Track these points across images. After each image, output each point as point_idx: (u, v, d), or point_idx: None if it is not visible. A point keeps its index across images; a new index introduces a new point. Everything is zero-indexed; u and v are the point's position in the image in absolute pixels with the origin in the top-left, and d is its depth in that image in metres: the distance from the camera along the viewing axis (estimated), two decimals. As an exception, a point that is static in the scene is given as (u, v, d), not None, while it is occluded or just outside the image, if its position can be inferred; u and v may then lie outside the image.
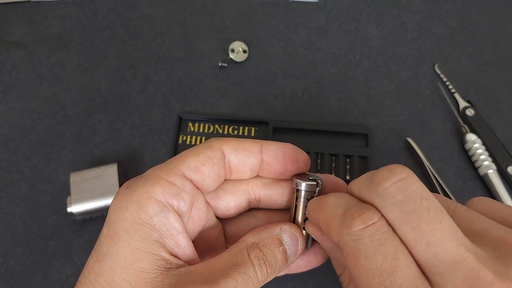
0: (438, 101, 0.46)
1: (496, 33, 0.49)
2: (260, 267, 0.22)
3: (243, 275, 0.21)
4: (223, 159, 0.24)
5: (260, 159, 0.24)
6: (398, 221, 0.18)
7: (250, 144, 0.24)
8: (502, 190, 0.41)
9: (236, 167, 0.24)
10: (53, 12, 0.50)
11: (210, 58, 0.48)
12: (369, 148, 0.43)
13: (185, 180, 0.22)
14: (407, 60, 0.48)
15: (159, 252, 0.21)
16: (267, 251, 0.22)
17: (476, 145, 0.42)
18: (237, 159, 0.24)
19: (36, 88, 0.47)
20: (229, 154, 0.24)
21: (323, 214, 0.21)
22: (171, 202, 0.21)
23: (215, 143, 0.24)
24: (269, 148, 0.24)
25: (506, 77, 0.47)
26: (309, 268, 0.27)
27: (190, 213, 0.23)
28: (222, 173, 0.24)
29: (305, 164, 0.25)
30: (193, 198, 0.23)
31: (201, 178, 0.23)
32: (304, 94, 0.47)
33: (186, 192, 0.22)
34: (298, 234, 0.24)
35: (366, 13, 0.50)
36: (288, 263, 0.24)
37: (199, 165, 0.23)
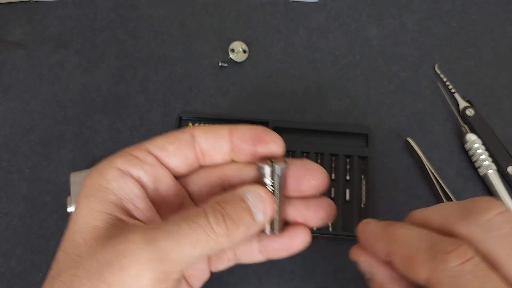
0: (438, 101, 0.46)
1: (496, 33, 0.49)
2: (215, 218, 0.21)
3: (190, 222, 0.21)
4: (192, 141, 0.25)
5: (230, 142, 0.25)
6: (505, 256, 0.17)
7: (220, 127, 0.25)
8: (502, 190, 0.41)
9: (206, 150, 0.25)
10: (53, 12, 0.50)
11: (210, 58, 0.48)
12: (369, 148, 0.43)
13: (148, 155, 0.24)
14: (407, 60, 0.48)
15: (115, 212, 0.22)
16: (226, 205, 0.22)
17: (476, 145, 0.42)
18: (206, 141, 0.25)
19: (36, 88, 0.47)
20: (199, 137, 0.25)
21: (400, 247, 0.21)
22: (130, 171, 0.23)
23: (186, 129, 0.25)
24: (238, 130, 0.25)
25: (506, 77, 0.47)
26: (287, 252, 0.26)
27: (156, 186, 0.24)
28: (191, 155, 0.25)
29: (276, 145, 0.25)
30: (157, 172, 0.24)
31: (167, 156, 0.24)
32: (304, 94, 0.47)
33: (148, 164, 0.24)
34: (263, 193, 0.24)
35: (366, 13, 0.50)
36: (257, 223, 0.23)
37: (166, 144, 0.24)
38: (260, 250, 0.27)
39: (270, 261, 0.39)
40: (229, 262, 0.29)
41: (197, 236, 0.21)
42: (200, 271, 0.29)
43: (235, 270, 0.39)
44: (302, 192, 0.25)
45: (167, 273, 0.20)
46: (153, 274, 0.20)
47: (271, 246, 0.26)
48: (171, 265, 0.20)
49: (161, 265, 0.20)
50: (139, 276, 0.19)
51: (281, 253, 0.26)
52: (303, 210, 0.26)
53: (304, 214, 0.26)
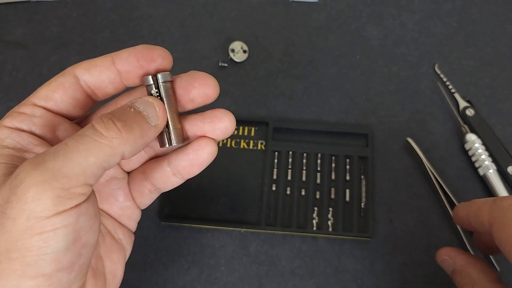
0: (438, 101, 0.46)
1: (496, 33, 0.49)
2: (103, 124, 0.21)
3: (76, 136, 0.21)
4: (77, 82, 0.25)
5: (116, 70, 0.25)
6: None
7: (101, 59, 0.25)
8: (502, 190, 0.41)
9: (94, 85, 0.25)
10: (53, 12, 0.50)
11: (210, 58, 0.48)
12: (369, 148, 0.43)
13: (35, 108, 0.25)
14: (407, 60, 0.48)
15: (14, 161, 0.22)
16: (115, 113, 0.22)
17: (476, 145, 0.42)
18: (92, 77, 0.25)
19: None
20: (82, 75, 0.25)
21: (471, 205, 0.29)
22: (19, 126, 0.24)
23: (67, 69, 0.25)
24: (120, 56, 0.25)
25: (506, 77, 0.47)
26: (198, 167, 0.27)
27: (54, 134, 0.25)
28: (80, 95, 0.25)
29: (163, 58, 0.25)
30: (50, 122, 0.24)
31: (55, 104, 0.25)
32: (304, 94, 0.47)
33: (37, 117, 0.24)
34: (151, 99, 0.24)
35: (366, 13, 0.50)
36: (153, 125, 0.23)
37: (50, 93, 0.25)
38: (173, 172, 0.27)
39: (270, 261, 0.40)
40: (151, 194, 0.29)
41: (86, 146, 0.20)
42: (128, 209, 0.29)
43: (235, 270, 0.39)
44: (194, 102, 0.26)
45: (67, 188, 0.20)
46: (51, 193, 0.19)
47: (180, 164, 0.27)
48: (67, 180, 0.20)
49: (56, 182, 0.19)
50: (38, 199, 0.19)
51: (192, 168, 0.27)
52: (200, 123, 0.26)
53: (201, 127, 0.26)
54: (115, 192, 0.29)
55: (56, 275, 0.20)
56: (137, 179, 0.29)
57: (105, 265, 0.27)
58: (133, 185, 0.29)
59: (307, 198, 0.41)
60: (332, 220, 0.40)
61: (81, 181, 0.20)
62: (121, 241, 0.29)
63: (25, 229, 0.19)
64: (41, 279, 0.20)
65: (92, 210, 0.22)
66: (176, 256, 0.40)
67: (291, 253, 0.40)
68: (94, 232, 0.22)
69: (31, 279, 0.20)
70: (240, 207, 0.41)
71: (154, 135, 0.24)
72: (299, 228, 0.40)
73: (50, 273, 0.20)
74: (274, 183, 0.42)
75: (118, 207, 0.29)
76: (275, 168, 0.42)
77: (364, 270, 0.39)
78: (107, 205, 0.29)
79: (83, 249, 0.21)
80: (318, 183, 0.42)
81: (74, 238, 0.20)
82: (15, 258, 0.19)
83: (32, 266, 0.19)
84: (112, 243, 0.28)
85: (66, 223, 0.20)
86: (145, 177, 0.28)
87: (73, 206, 0.20)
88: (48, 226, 0.19)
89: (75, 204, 0.20)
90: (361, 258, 0.40)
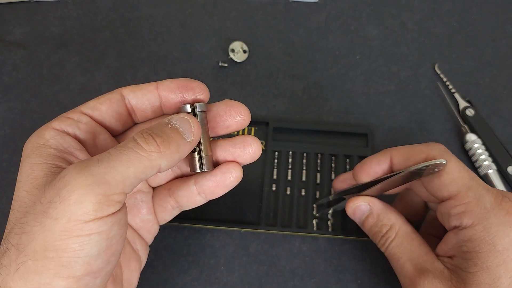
0: (438, 101, 0.46)
1: (496, 33, 0.49)
2: (144, 138, 0.23)
3: (119, 147, 0.22)
4: (122, 100, 0.28)
5: (158, 95, 0.28)
6: None
7: (146, 84, 0.28)
8: (502, 190, 0.41)
9: (136, 106, 0.28)
10: (53, 12, 0.50)
11: (210, 58, 0.48)
12: (369, 148, 0.43)
13: (82, 115, 0.26)
14: (407, 60, 0.48)
15: (55, 162, 0.23)
16: (153, 129, 0.24)
17: (476, 145, 0.42)
18: (135, 98, 0.28)
19: (36, 88, 0.47)
20: (127, 95, 0.28)
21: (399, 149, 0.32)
22: (66, 129, 0.25)
23: (116, 89, 0.28)
24: (163, 83, 0.28)
25: (506, 77, 0.47)
26: (223, 189, 0.28)
27: (94, 142, 0.27)
28: (122, 111, 0.28)
29: (201, 91, 0.28)
30: (93, 130, 0.26)
31: (100, 115, 0.27)
32: (304, 94, 0.47)
33: (83, 123, 0.26)
34: (187, 116, 0.25)
35: (366, 13, 0.50)
36: (188, 141, 0.25)
37: (98, 104, 0.27)
38: (198, 192, 0.29)
39: (270, 261, 0.40)
40: (173, 211, 0.31)
41: (128, 156, 0.22)
42: (148, 222, 0.31)
43: (235, 270, 0.39)
44: (229, 128, 0.28)
45: (107, 195, 0.21)
46: (93, 198, 0.20)
47: (206, 185, 0.28)
48: (109, 186, 0.21)
49: (98, 188, 0.20)
50: (81, 202, 0.20)
51: (217, 189, 0.28)
52: (230, 148, 0.28)
53: (232, 151, 0.28)
54: (139, 205, 0.30)
55: (84, 279, 0.21)
56: (161, 194, 0.30)
57: (123, 273, 0.29)
58: (157, 200, 0.31)
59: (307, 198, 0.41)
60: (332, 220, 0.40)
61: (120, 189, 0.21)
62: (138, 251, 0.30)
63: (65, 230, 0.20)
64: (71, 281, 0.21)
65: (124, 220, 0.23)
66: (176, 256, 0.40)
67: (291, 253, 0.40)
68: (123, 241, 0.23)
69: (63, 279, 0.20)
70: (240, 207, 0.41)
71: (189, 150, 0.25)
72: (299, 228, 0.40)
73: (80, 276, 0.21)
74: (274, 183, 0.42)
75: (140, 219, 0.30)
76: (275, 168, 0.42)
77: (364, 270, 0.39)
78: (130, 215, 0.30)
79: (112, 257, 0.22)
80: (318, 183, 0.42)
81: (106, 246, 0.21)
82: (51, 257, 0.20)
83: (65, 267, 0.20)
84: (131, 252, 0.30)
85: (101, 230, 0.21)
86: (170, 193, 0.30)
87: (110, 213, 0.21)
88: (86, 230, 0.20)
89: (112, 212, 0.21)
90: (361, 258, 0.40)
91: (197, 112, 0.27)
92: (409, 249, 0.30)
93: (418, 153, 0.30)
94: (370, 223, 0.33)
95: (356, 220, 0.34)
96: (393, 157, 0.32)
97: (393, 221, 0.32)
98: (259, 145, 0.28)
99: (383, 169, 0.32)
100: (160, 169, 0.23)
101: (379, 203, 0.33)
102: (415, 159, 0.30)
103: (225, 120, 0.28)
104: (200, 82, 0.28)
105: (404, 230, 0.31)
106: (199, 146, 0.27)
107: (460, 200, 0.28)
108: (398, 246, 0.31)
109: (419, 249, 0.30)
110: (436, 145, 0.30)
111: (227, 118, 0.28)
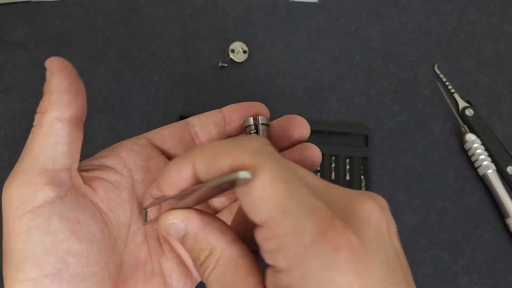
0: (438, 101, 0.46)
1: (496, 33, 0.49)
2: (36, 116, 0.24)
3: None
4: (186, 125, 0.29)
5: (221, 116, 0.29)
6: None
7: (210, 111, 0.30)
8: (501, 190, 0.41)
9: (200, 127, 0.29)
10: (53, 12, 0.50)
11: (210, 58, 0.48)
12: (369, 148, 0.43)
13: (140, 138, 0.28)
14: (407, 60, 0.48)
15: None
16: None
17: (476, 145, 0.42)
18: (200, 122, 0.29)
19: (36, 88, 0.47)
20: (192, 121, 0.29)
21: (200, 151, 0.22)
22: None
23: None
24: (226, 107, 0.29)
25: (505, 77, 0.47)
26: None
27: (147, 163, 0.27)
28: (186, 136, 0.28)
29: (263, 108, 0.29)
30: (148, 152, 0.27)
31: (161, 139, 0.28)
32: (304, 94, 0.47)
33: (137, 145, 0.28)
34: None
35: (366, 13, 0.50)
36: None
37: (160, 130, 0.28)
38: None
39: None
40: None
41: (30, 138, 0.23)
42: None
43: (235, 270, 0.39)
44: (290, 139, 0.28)
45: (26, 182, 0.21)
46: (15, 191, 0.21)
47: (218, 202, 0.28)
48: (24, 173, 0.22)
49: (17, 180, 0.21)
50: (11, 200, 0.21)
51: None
52: (291, 157, 0.28)
53: (291, 159, 0.27)
54: None
55: (43, 282, 0.20)
56: (222, 215, 0.28)
57: None
58: None
59: (307, 198, 0.41)
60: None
61: (37, 169, 0.21)
62: (172, 287, 0.26)
63: (9, 231, 0.20)
64: (27, 284, 0.20)
65: (67, 213, 0.22)
66: (177, 256, 0.40)
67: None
68: (78, 240, 0.22)
69: (19, 283, 0.20)
70: (240, 207, 0.41)
71: None
72: (299, 228, 0.40)
73: (36, 278, 0.20)
74: (274, 183, 0.42)
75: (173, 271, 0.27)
76: (275, 168, 0.42)
77: (364, 270, 0.39)
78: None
79: (69, 257, 0.21)
80: (318, 183, 0.42)
81: (51, 241, 0.21)
82: (6, 263, 0.20)
83: (17, 270, 0.20)
84: (159, 285, 0.26)
85: (38, 223, 0.20)
86: (232, 212, 0.28)
87: (41, 202, 0.21)
88: (23, 226, 0.20)
89: (43, 199, 0.21)
90: (361, 258, 0.40)
91: (259, 124, 0.27)
92: (232, 283, 0.21)
93: (222, 158, 0.20)
94: (187, 246, 0.24)
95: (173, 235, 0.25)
96: (195, 162, 0.22)
97: (214, 243, 0.23)
98: (318, 151, 0.29)
99: (185, 178, 0.23)
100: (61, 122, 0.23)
101: (197, 220, 0.23)
102: (219, 167, 0.20)
103: (287, 131, 0.28)
104: (260, 103, 0.29)
105: (227, 255, 0.22)
106: None
107: (271, 231, 0.18)
108: (218, 279, 0.22)
109: (245, 282, 0.21)
110: (247, 143, 0.20)
111: (289, 129, 0.28)
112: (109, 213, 0.25)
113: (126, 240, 0.25)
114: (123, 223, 0.25)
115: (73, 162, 0.23)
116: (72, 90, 0.24)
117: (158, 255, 0.27)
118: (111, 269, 0.24)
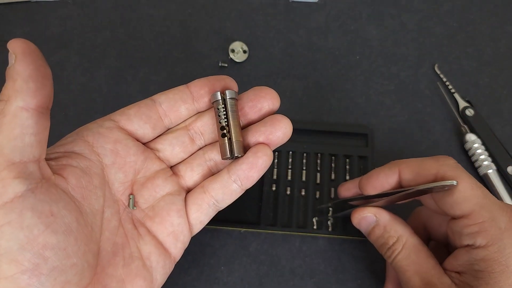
0: (438, 101, 0.46)
1: (496, 33, 0.49)
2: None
3: None
4: (153, 104, 0.29)
5: (189, 92, 0.29)
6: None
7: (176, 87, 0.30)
8: (502, 190, 0.41)
9: (169, 107, 0.29)
10: (53, 12, 0.50)
11: (210, 58, 0.48)
12: (369, 148, 0.43)
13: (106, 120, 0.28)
14: (407, 60, 0.48)
15: None
16: None
17: (476, 145, 0.42)
18: (167, 100, 0.29)
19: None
20: (158, 98, 0.29)
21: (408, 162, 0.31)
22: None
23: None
24: (193, 82, 0.29)
25: (506, 77, 0.47)
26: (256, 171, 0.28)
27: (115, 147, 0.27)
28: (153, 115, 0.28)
29: (231, 81, 0.29)
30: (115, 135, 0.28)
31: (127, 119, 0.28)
32: (304, 94, 0.47)
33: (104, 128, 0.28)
34: None
35: (366, 13, 0.50)
36: None
37: (125, 110, 0.29)
38: (233, 179, 0.28)
39: (270, 261, 0.40)
40: (209, 209, 0.29)
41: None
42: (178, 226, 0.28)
43: (235, 270, 0.39)
44: (261, 111, 0.29)
45: None
46: None
47: (240, 168, 0.28)
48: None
49: None
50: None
51: (251, 172, 0.28)
52: (262, 128, 0.28)
53: (263, 130, 0.28)
54: (168, 207, 0.28)
55: (21, 278, 0.20)
56: (195, 193, 0.29)
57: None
58: (191, 200, 0.29)
59: (307, 198, 0.41)
60: (332, 220, 0.40)
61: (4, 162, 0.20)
62: (152, 269, 0.27)
63: None
64: (5, 282, 0.20)
65: (40, 206, 0.21)
66: (176, 256, 0.40)
67: (291, 253, 0.40)
68: (54, 233, 0.21)
69: None
70: (240, 207, 0.41)
71: None
72: (299, 228, 0.40)
73: (13, 275, 0.20)
74: (274, 183, 0.42)
75: (169, 224, 0.28)
76: (275, 168, 0.42)
77: (364, 270, 0.39)
78: (154, 223, 0.28)
79: (46, 251, 0.21)
80: (318, 183, 0.42)
81: (26, 237, 0.20)
82: None
83: None
84: (138, 268, 0.26)
85: (10, 219, 0.20)
86: (205, 189, 0.29)
87: (11, 197, 0.20)
88: None
89: (12, 194, 0.20)
90: (361, 258, 0.40)
91: (227, 98, 0.28)
92: (416, 262, 0.30)
93: (428, 169, 0.29)
94: (376, 234, 0.32)
95: (362, 230, 0.34)
96: (401, 171, 0.31)
97: (400, 232, 0.31)
98: (289, 122, 0.29)
99: (390, 183, 0.32)
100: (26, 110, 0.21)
101: (386, 214, 0.32)
102: (425, 175, 0.29)
103: (257, 103, 0.29)
104: (227, 76, 0.29)
105: (411, 242, 0.31)
106: (229, 133, 0.27)
107: (474, 220, 0.27)
108: (405, 258, 0.30)
109: (427, 262, 0.30)
110: (446, 160, 0.30)
111: (259, 100, 0.29)
112: (82, 201, 0.24)
113: (101, 226, 0.25)
114: (97, 209, 0.25)
115: (41, 152, 0.22)
116: (39, 77, 0.21)
117: (135, 239, 0.27)
118: (90, 258, 0.23)
